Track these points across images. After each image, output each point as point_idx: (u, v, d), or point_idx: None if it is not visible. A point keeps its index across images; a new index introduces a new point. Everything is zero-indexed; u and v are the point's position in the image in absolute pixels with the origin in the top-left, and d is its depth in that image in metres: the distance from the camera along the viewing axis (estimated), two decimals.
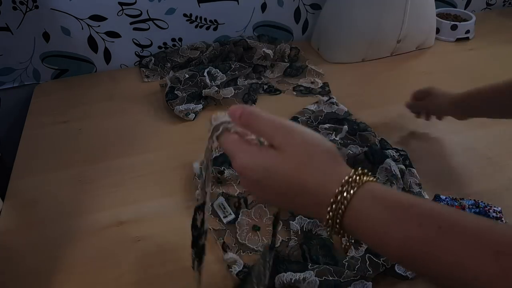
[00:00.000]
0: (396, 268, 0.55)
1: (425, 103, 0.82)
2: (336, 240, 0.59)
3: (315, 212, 0.35)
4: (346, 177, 0.34)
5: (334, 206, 0.33)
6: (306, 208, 0.35)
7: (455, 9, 1.30)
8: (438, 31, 1.20)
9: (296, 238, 0.61)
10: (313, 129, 0.82)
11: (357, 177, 0.34)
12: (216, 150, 0.76)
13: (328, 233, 0.35)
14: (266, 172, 0.35)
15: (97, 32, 1.04)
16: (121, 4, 1.02)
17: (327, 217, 0.33)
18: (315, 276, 0.53)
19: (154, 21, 1.07)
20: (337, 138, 0.79)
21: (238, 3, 1.11)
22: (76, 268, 0.60)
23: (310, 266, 0.55)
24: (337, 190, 0.33)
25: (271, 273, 0.54)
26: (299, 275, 0.53)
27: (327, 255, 0.57)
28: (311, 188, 0.34)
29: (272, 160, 0.35)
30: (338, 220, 0.33)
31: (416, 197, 0.36)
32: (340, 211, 0.33)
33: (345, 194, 0.33)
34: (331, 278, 0.53)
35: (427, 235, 0.30)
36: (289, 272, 0.53)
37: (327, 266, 0.55)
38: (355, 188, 0.33)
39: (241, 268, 0.57)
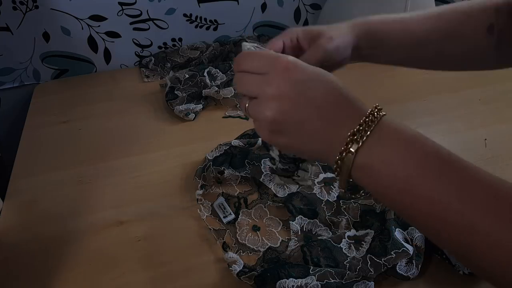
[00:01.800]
0: (397, 268, 0.55)
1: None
2: (336, 241, 0.59)
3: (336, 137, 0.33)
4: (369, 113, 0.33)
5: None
6: (337, 127, 0.33)
7: None
8: None
9: (296, 238, 0.61)
10: None
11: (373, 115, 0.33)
12: (217, 150, 0.76)
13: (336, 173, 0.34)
14: (316, 75, 0.34)
15: (97, 32, 1.04)
16: (121, 4, 1.02)
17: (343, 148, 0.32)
18: (316, 281, 0.53)
19: (154, 21, 1.07)
20: None
21: (238, 3, 1.11)
22: (76, 268, 0.60)
23: (311, 270, 0.55)
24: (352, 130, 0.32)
25: (273, 279, 0.54)
26: (300, 281, 0.53)
27: (328, 257, 0.57)
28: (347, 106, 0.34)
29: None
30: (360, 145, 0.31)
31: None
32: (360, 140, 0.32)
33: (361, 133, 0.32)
34: (332, 281, 0.53)
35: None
36: (291, 279, 0.54)
37: (329, 269, 0.55)
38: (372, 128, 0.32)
39: (241, 268, 0.57)
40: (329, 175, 0.72)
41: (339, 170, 0.33)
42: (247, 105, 0.35)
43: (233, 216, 0.66)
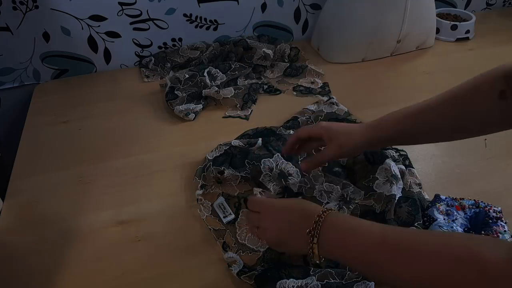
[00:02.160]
0: None
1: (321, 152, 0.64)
2: None
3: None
4: (316, 217, 0.47)
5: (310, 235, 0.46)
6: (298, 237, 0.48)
7: (455, 9, 1.30)
8: (438, 31, 1.20)
9: None
10: None
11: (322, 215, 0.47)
12: (217, 150, 0.76)
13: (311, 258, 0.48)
14: (284, 206, 0.52)
15: (97, 32, 1.04)
16: (121, 4, 1.02)
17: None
18: (316, 281, 0.53)
19: (154, 21, 1.07)
20: None
21: (238, 3, 1.11)
22: (76, 268, 0.60)
23: (312, 271, 0.55)
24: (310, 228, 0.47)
25: (273, 278, 0.54)
26: (301, 282, 0.53)
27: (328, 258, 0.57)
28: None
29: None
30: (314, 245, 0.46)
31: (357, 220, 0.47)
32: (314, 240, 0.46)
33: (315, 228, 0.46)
34: (332, 281, 0.53)
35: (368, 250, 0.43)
36: (291, 279, 0.54)
37: (329, 270, 0.55)
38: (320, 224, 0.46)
39: (241, 268, 0.57)
40: (330, 177, 0.72)
41: (311, 254, 0.47)
42: (256, 230, 0.53)
43: (233, 216, 0.66)
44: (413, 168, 0.74)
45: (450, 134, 0.58)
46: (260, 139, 0.76)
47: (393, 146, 0.78)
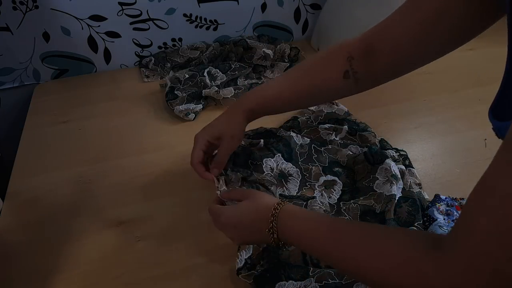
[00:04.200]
0: None
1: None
2: None
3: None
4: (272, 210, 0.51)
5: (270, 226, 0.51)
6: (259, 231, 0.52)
7: None
8: None
9: None
10: (313, 129, 0.83)
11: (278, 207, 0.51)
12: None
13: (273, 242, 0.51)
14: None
15: (97, 32, 1.04)
16: (121, 4, 1.02)
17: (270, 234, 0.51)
18: (315, 282, 0.53)
19: (154, 21, 1.07)
20: (337, 138, 0.79)
21: (238, 3, 1.11)
22: (76, 268, 0.60)
23: (311, 272, 0.54)
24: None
25: (272, 280, 0.54)
26: (299, 284, 0.53)
27: None
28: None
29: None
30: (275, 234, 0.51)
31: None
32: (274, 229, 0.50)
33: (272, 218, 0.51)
34: (331, 282, 0.53)
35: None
36: (290, 281, 0.54)
37: (328, 270, 0.54)
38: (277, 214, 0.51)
39: (249, 255, 0.58)
40: (330, 177, 0.72)
41: (273, 244, 0.51)
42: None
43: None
44: (413, 168, 0.74)
45: (306, 104, 0.75)
46: (262, 140, 0.76)
47: (393, 146, 0.78)
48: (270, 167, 0.71)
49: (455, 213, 0.63)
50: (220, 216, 0.56)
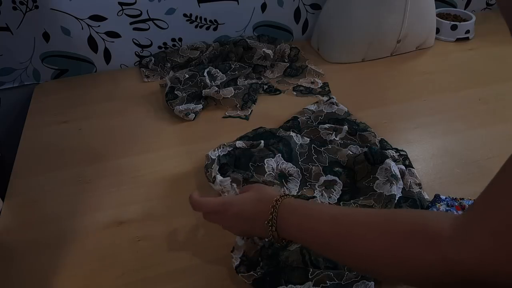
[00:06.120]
0: None
1: None
2: None
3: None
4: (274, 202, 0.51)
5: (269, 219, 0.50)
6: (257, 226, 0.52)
7: (455, 9, 1.30)
8: (438, 31, 1.20)
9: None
10: (313, 129, 0.83)
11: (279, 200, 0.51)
12: (219, 150, 0.76)
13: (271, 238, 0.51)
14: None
15: (97, 32, 1.04)
16: (121, 4, 1.02)
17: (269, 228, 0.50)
18: (313, 286, 0.53)
19: (154, 21, 1.07)
20: (337, 138, 0.79)
21: (238, 3, 1.11)
22: (76, 268, 0.60)
23: (310, 274, 0.54)
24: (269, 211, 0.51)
25: (272, 283, 0.54)
26: None
27: (327, 258, 0.57)
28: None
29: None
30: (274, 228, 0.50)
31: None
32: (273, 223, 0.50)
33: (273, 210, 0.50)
34: (330, 283, 0.53)
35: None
36: (290, 285, 0.53)
37: (328, 271, 0.54)
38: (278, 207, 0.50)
39: (240, 255, 0.57)
40: (330, 177, 0.72)
41: (272, 238, 0.51)
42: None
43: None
44: (413, 168, 0.74)
45: None
46: (262, 141, 0.76)
47: (393, 146, 0.78)
48: (272, 167, 0.71)
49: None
50: (218, 212, 0.55)
